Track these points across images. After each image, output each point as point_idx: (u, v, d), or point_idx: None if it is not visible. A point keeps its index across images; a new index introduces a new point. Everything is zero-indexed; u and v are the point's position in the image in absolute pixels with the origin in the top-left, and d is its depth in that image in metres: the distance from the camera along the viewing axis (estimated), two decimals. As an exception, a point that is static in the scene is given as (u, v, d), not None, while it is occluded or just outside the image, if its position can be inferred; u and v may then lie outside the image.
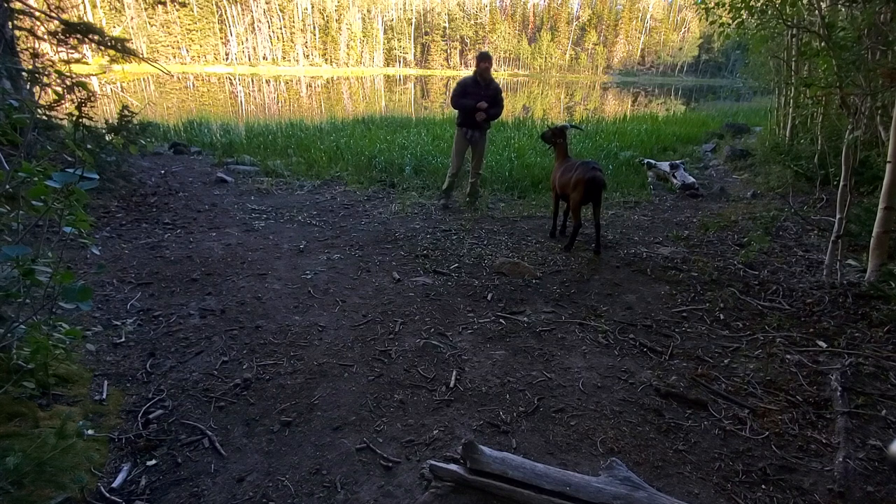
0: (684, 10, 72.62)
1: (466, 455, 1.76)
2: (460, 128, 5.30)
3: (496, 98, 5.23)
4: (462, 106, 5.14)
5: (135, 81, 24.88)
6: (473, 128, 5.23)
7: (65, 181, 1.54)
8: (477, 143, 5.34)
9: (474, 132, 5.27)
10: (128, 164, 6.03)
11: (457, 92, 5.19)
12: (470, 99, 5.10)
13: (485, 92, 5.15)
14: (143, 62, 6.19)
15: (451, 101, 5.30)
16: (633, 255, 4.26)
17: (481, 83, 5.17)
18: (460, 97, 5.16)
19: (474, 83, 5.18)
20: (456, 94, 5.20)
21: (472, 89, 5.15)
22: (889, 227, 3.38)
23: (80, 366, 2.40)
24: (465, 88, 5.16)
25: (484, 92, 5.15)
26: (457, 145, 5.40)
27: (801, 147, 6.99)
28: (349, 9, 67.20)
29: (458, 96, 5.18)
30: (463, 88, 5.17)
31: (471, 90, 5.15)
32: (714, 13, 4.37)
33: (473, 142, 5.32)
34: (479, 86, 5.17)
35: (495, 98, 5.22)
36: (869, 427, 2.18)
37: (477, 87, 5.16)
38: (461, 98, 5.15)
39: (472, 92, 5.14)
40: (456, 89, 5.21)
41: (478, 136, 5.31)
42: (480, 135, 5.33)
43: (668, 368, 2.63)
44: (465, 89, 5.16)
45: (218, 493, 1.79)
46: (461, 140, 5.33)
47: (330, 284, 3.55)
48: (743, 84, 15.49)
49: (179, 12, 52.10)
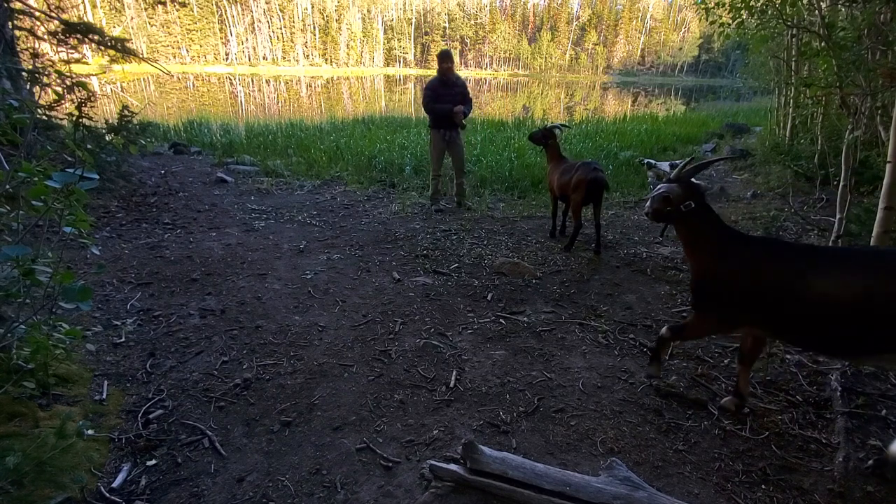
0: (684, 10, 72.67)
1: (466, 455, 1.76)
2: (437, 130, 5.31)
3: (465, 95, 5.29)
4: (439, 111, 5.18)
5: (135, 81, 24.88)
6: (449, 128, 5.27)
7: (65, 181, 1.54)
8: (454, 143, 5.37)
9: (451, 132, 5.31)
10: (128, 164, 6.03)
11: (429, 97, 5.21)
12: (442, 101, 5.14)
13: (454, 90, 5.20)
14: (143, 62, 6.19)
15: (424, 106, 5.32)
16: (633, 255, 4.26)
17: (447, 83, 5.21)
18: (434, 101, 5.19)
19: (441, 84, 5.21)
20: (429, 99, 5.21)
21: (441, 91, 5.19)
22: (889, 227, 3.37)
23: (80, 366, 2.40)
24: (436, 91, 5.19)
25: (453, 90, 5.20)
26: (435, 149, 5.42)
27: (801, 147, 6.99)
28: (349, 9, 67.22)
29: (431, 101, 5.20)
30: (434, 92, 5.20)
31: (441, 92, 5.18)
32: (714, 13, 4.37)
33: (451, 142, 5.35)
34: (447, 85, 5.21)
35: (464, 95, 5.28)
36: (869, 427, 2.18)
37: (445, 87, 5.20)
38: (434, 102, 5.18)
39: (443, 93, 5.17)
40: (427, 94, 5.23)
41: (455, 136, 5.35)
42: (457, 134, 5.36)
43: (668, 368, 2.62)
44: (435, 93, 5.19)
45: (218, 493, 1.79)
46: (439, 142, 5.34)
47: (330, 284, 3.55)
48: (743, 84, 15.48)
49: (179, 12, 52.12)
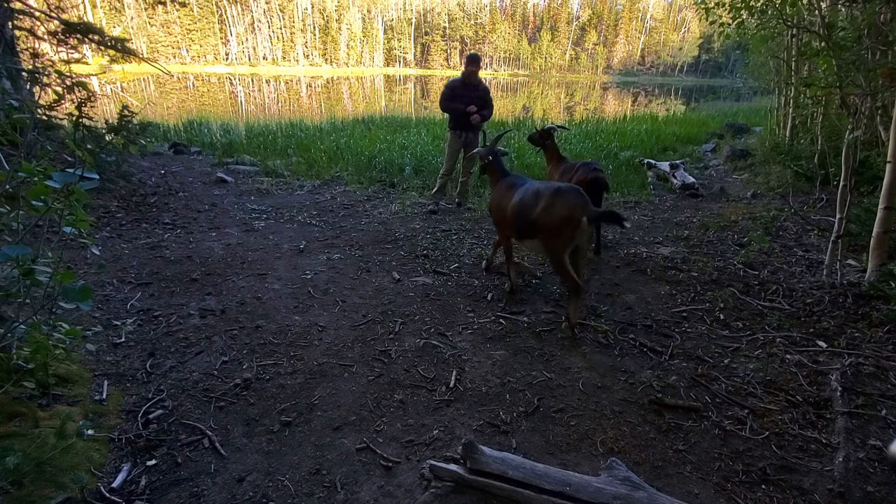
0: (684, 10, 72.62)
1: (466, 455, 1.76)
2: (454, 131, 5.29)
3: (485, 99, 5.22)
4: (453, 110, 5.14)
5: (135, 81, 24.87)
6: (468, 130, 5.23)
7: (65, 181, 1.54)
8: (471, 145, 5.33)
9: (469, 134, 5.27)
10: (128, 164, 6.03)
11: (446, 95, 5.18)
12: (459, 101, 5.09)
13: (473, 93, 5.14)
14: (143, 62, 6.18)
15: (440, 104, 5.30)
16: (633, 255, 4.26)
17: (469, 85, 5.16)
18: (450, 100, 5.15)
19: (462, 85, 5.16)
20: (445, 98, 5.18)
21: (460, 91, 5.14)
22: (889, 227, 3.38)
23: (80, 366, 2.40)
24: (454, 91, 5.15)
25: (473, 93, 5.14)
26: (451, 147, 5.39)
27: (801, 147, 6.99)
28: (349, 9, 67.18)
29: (447, 99, 5.16)
30: (452, 91, 5.15)
31: (459, 92, 5.14)
32: (714, 13, 4.36)
33: (468, 143, 5.32)
34: (468, 87, 5.15)
35: (484, 99, 5.20)
36: (869, 427, 2.18)
37: (465, 88, 5.15)
38: (450, 101, 5.14)
39: (461, 94, 5.13)
40: (445, 92, 5.19)
41: (472, 138, 5.31)
42: (475, 136, 5.33)
43: (668, 368, 2.62)
44: (454, 92, 5.15)
45: (218, 493, 1.79)
46: (455, 142, 5.32)
47: (330, 284, 3.55)
48: (743, 84, 15.48)
49: (179, 12, 52.11)
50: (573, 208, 2.69)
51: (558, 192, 2.78)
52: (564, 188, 2.81)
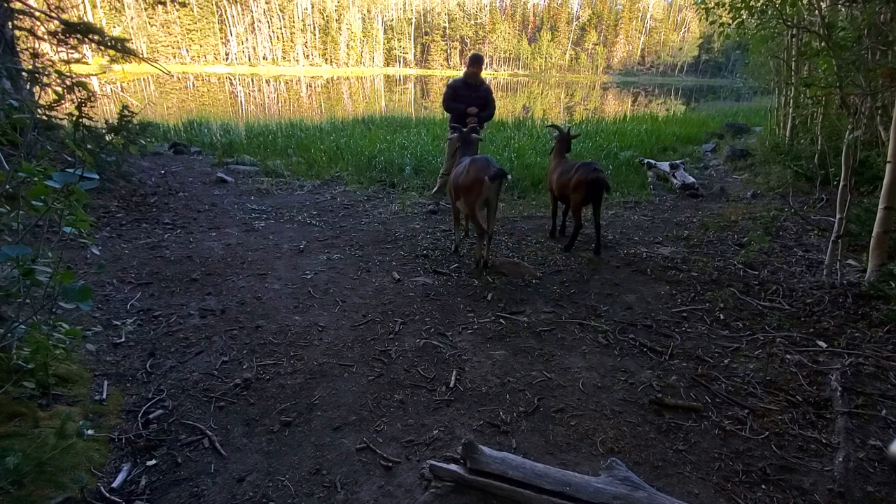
0: (684, 10, 72.63)
1: (466, 455, 1.76)
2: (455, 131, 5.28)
3: (487, 99, 5.20)
4: (454, 110, 5.13)
5: (135, 81, 24.88)
6: None
7: (65, 181, 1.54)
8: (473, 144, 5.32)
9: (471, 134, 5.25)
10: (128, 164, 6.03)
11: (448, 95, 5.16)
12: (461, 101, 5.07)
13: (475, 93, 5.12)
14: (143, 62, 6.18)
15: (443, 104, 5.28)
16: (633, 255, 4.26)
17: (471, 85, 5.14)
18: (451, 100, 5.13)
19: (464, 85, 5.14)
20: (447, 98, 5.16)
21: (462, 91, 5.12)
22: (889, 227, 3.38)
23: (80, 366, 2.40)
24: (456, 91, 5.13)
25: (474, 93, 5.11)
26: (451, 147, 5.38)
27: (801, 147, 6.99)
28: (349, 9, 67.19)
29: (449, 99, 5.14)
30: (454, 91, 5.13)
31: (462, 92, 5.11)
32: (714, 13, 4.36)
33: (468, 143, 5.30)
34: (470, 87, 5.13)
35: (486, 99, 5.18)
36: (869, 427, 2.18)
37: (468, 88, 5.13)
38: (452, 101, 5.13)
39: (463, 94, 5.10)
40: (447, 92, 5.17)
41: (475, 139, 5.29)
42: (477, 136, 5.31)
43: (668, 368, 2.63)
44: (455, 92, 5.12)
45: (218, 493, 1.79)
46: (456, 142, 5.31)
47: (330, 284, 3.55)
48: (743, 84, 15.48)
49: (179, 12, 52.11)
50: (479, 171, 3.60)
51: (472, 162, 3.72)
52: (477, 159, 3.74)
